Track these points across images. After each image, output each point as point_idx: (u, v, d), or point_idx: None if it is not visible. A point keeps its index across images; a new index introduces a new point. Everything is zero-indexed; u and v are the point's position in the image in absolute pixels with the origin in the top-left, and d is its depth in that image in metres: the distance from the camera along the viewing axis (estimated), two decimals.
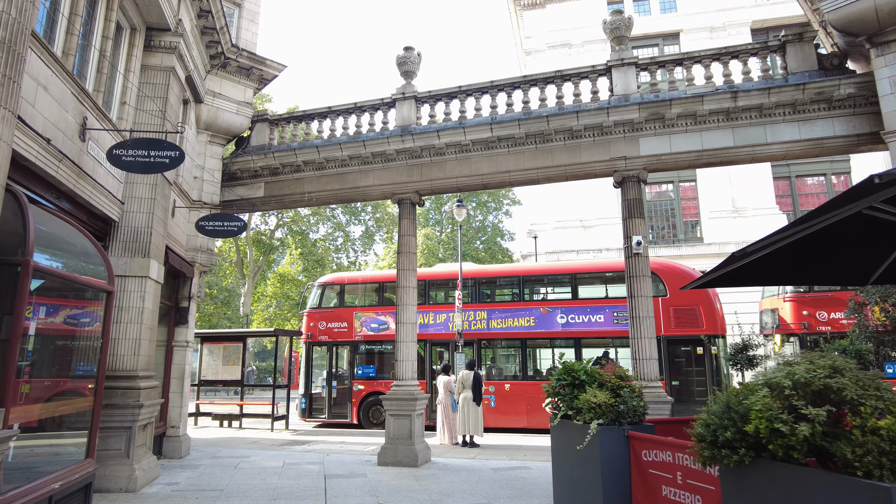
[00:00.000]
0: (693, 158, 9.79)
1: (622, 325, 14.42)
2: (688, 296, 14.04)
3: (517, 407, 14.94)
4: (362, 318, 16.81)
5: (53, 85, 6.12)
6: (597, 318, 14.83)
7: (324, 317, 17.18)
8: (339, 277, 18.46)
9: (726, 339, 14.51)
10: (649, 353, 9.16)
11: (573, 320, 15.01)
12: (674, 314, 14.15)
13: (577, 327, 14.95)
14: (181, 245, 10.72)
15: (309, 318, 17.35)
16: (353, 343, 16.71)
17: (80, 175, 6.79)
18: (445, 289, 16.98)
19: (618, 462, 5.19)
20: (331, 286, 17.95)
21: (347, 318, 16.91)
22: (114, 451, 7.46)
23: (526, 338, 15.45)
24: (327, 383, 16.75)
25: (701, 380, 13.77)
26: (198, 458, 10.40)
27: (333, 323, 16.97)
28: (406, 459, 9.73)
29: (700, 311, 14.13)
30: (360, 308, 17.28)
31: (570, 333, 15.02)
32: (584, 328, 14.90)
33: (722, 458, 3.48)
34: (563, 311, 15.14)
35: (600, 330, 14.80)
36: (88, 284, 6.58)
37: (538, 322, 15.30)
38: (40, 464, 5.93)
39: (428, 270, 19.47)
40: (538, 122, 10.06)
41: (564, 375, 5.93)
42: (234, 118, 11.66)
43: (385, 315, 16.57)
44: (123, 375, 7.76)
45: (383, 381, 16.13)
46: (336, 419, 16.43)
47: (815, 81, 8.99)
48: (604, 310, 14.83)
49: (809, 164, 29.48)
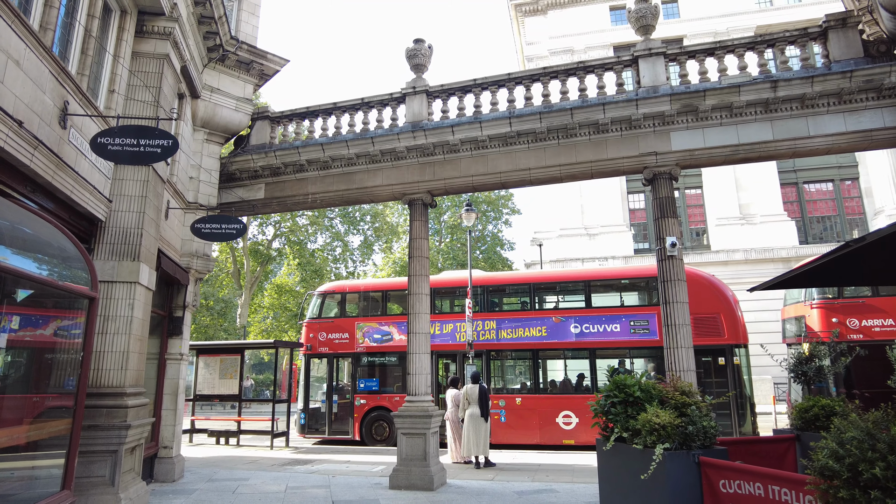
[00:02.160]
0: (728, 153, 9.08)
1: (639, 336, 13.70)
2: (708, 304, 13.40)
3: (529, 422, 14.12)
4: (364, 328, 16.02)
5: (28, 61, 5.36)
6: (612, 328, 14.06)
7: (324, 327, 16.35)
8: (340, 286, 17.62)
9: (748, 348, 13.76)
10: (686, 365, 8.39)
11: (587, 330, 14.23)
12: (693, 323, 13.35)
13: (592, 337, 14.16)
14: (175, 250, 9.92)
15: (308, 328, 16.52)
16: (354, 355, 15.85)
17: (59, 166, 6.01)
18: (452, 297, 16.20)
19: (688, 493, 4.40)
20: (331, 295, 17.11)
21: (349, 329, 16.10)
22: (97, 479, 6.60)
23: (538, 349, 14.61)
24: (328, 397, 15.84)
25: (722, 391, 13.00)
26: (192, 482, 9.53)
27: (334, 334, 16.15)
28: (420, 482, 8.89)
29: (721, 320, 13.43)
30: (363, 318, 16.41)
31: (585, 344, 14.24)
32: (600, 338, 14.10)
33: (870, 501, 2.70)
34: (577, 321, 14.35)
35: (616, 340, 14.04)
36: (68, 290, 5.77)
37: (550, 332, 14.51)
38: (9, 495, 5.10)
39: (434, 278, 18.58)
40: (561, 115, 9.35)
41: (615, 392, 5.15)
42: (232, 115, 10.92)
43: (389, 325, 15.80)
44: (109, 392, 6.92)
45: (387, 395, 15.34)
46: (337, 435, 15.53)
47: (863, 68, 8.32)
48: (619, 319, 14.07)
49: (817, 170, 28.94)
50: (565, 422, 13.78)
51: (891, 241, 4.19)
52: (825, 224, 28.35)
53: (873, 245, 4.31)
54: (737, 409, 12.86)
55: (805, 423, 5.81)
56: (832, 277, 6.85)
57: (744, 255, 26.83)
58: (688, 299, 13.30)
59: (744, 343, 13.41)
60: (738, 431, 12.60)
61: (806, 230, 28.26)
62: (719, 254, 27.50)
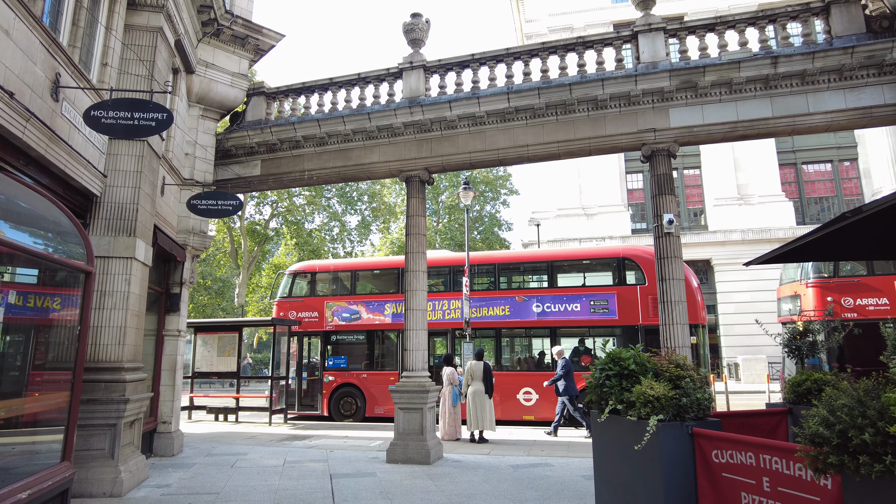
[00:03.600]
0: (727, 130, 9.03)
1: (598, 315, 14.09)
2: None
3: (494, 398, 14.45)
4: (333, 307, 16.32)
5: (17, 30, 5.27)
6: (573, 308, 14.36)
7: (294, 306, 16.65)
8: (310, 265, 17.88)
9: (706, 328, 14.17)
10: (682, 341, 8.44)
11: (549, 309, 14.51)
12: (652, 303, 13.71)
13: (553, 316, 14.46)
14: (171, 226, 9.88)
15: (279, 307, 16.82)
16: (324, 333, 16.16)
17: (52, 139, 5.95)
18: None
19: (681, 464, 4.45)
20: (301, 275, 17.38)
21: (318, 308, 16.38)
22: (96, 452, 6.68)
23: (501, 327, 14.94)
24: (297, 374, 16.22)
25: None
26: (191, 456, 9.63)
27: (304, 312, 16.42)
28: (417, 456, 9.00)
29: None
30: (332, 297, 16.75)
31: (546, 323, 14.51)
32: (561, 317, 14.42)
33: (858, 466, 2.74)
34: (539, 300, 14.60)
35: (576, 319, 14.37)
36: (64, 264, 5.75)
37: (514, 311, 14.80)
38: (8, 468, 5.14)
39: None
40: (560, 90, 9.27)
41: (611, 365, 5.18)
42: (228, 91, 10.80)
43: (357, 304, 16.15)
44: (107, 367, 6.96)
45: (355, 371, 15.77)
46: (306, 411, 15.96)
47: (864, 44, 8.24)
48: (580, 298, 14.40)
49: (816, 151, 28.84)
50: (526, 398, 14.20)
51: (888, 214, 4.19)
52: (823, 205, 28.35)
53: (870, 219, 4.31)
54: None
55: (797, 397, 5.87)
56: (829, 252, 6.86)
57: (741, 236, 26.88)
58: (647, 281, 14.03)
59: (702, 323, 13.74)
60: None
61: (803, 211, 28.27)
62: (717, 234, 27.54)
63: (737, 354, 25.29)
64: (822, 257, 9.34)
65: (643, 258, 14.21)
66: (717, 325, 26.76)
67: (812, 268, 14.05)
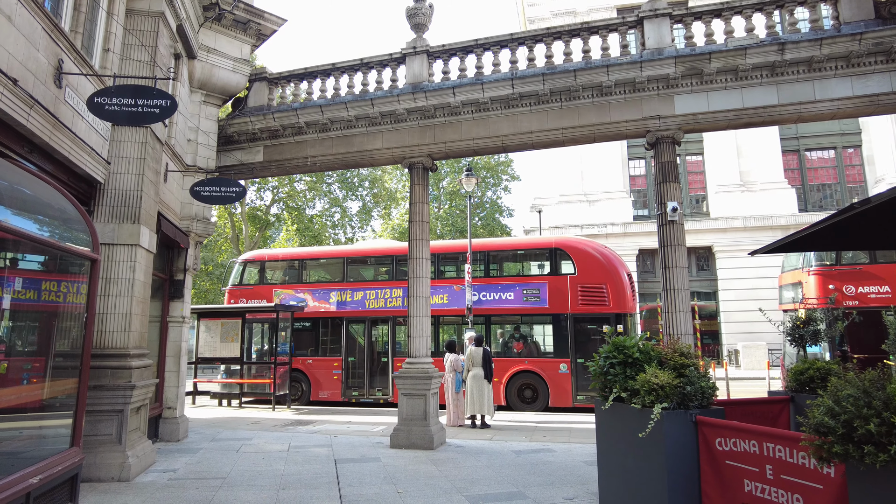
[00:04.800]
0: (732, 118, 8.98)
1: (531, 304, 14.57)
2: (595, 274, 14.19)
3: None
4: (281, 295, 16.64)
5: (20, 16, 5.23)
6: (507, 296, 14.83)
7: (244, 294, 16.89)
8: (259, 254, 18.25)
9: (634, 317, 14.58)
10: (684, 329, 8.46)
11: (485, 298, 15.00)
12: (581, 292, 14.18)
13: (489, 305, 14.96)
14: (175, 213, 9.88)
15: (230, 295, 17.05)
16: (271, 321, 16.27)
17: (56, 126, 5.93)
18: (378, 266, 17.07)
19: (685, 451, 4.50)
20: (252, 263, 17.70)
21: (267, 296, 16.64)
22: (104, 437, 6.75)
23: (440, 315, 15.34)
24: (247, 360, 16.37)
25: None
26: (197, 441, 9.73)
27: (253, 300, 16.65)
28: (421, 442, 9.08)
29: (607, 290, 14.07)
30: (280, 286, 17.10)
31: (481, 311, 14.94)
32: (495, 305, 14.95)
33: (863, 456, 2.77)
34: (476, 289, 14.92)
35: (510, 308, 14.91)
36: (69, 251, 5.77)
37: (451, 299, 15.22)
38: (18, 453, 5.20)
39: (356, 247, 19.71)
40: (564, 76, 9.20)
41: (614, 353, 5.21)
42: (230, 76, 10.73)
43: (304, 293, 16.52)
44: (113, 354, 7.01)
45: (301, 357, 16.18)
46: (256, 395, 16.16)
47: (873, 31, 8.16)
48: (514, 287, 14.98)
49: (820, 137, 28.66)
50: None
51: (894, 204, 4.18)
52: (825, 192, 28.25)
53: (875, 208, 4.31)
54: None
55: (800, 385, 5.91)
56: (833, 241, 6.86)
57: (743, 223, 26.83)
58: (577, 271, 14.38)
59: (629, 312, 14.11)
60: None
61: (806, 198, 28.18)
62: (718, 221, 27.50)
63: (737, 341, 25.39)
64: (826, 247, 9.35)
65: (575, 248, 14.69)
66: (718, 311, 26.84)
67: (814, 256, 14.05)
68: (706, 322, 26.81)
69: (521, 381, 14.50)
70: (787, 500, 3.72)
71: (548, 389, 14.10)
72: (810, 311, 7.94)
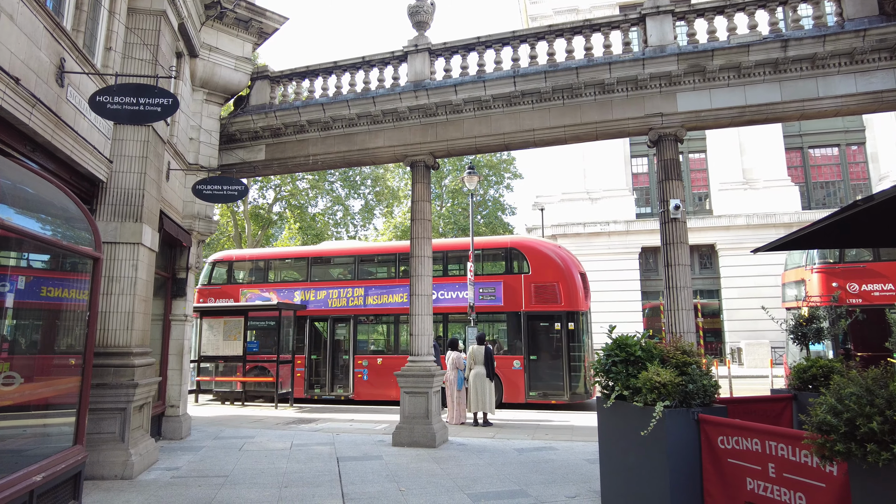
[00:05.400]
0: (735, 115, 8.95)
1: (486, 302, 14.92)
2: (548, 273, 14.42)
3: (388, 380, 15.06)
4: (248, 294, 16.99)
5: (21, 15, 5.24)
6: (463, 295, 15.06)
7: (213, 293, 17.26)
8: (228, 255, 18.64)
9: (588, 315, 14.81)
10: (687, 327, 8.44)
11: (442, 297, 15.27)
12: (534, 290, 14.42)
13: (446, 303, 15.25)
14: (177, 211, 9.90)
15: (199, 294, 17.26)
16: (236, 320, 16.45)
17: (58, 125, 5.94)
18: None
19: (687, 449, 4.50)
20: (221, 263, 18.11)
21: (234, 295, 16.98)
22: (107, 435, 6.77)
23: (398, 313, 15.62)
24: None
25: (559, 355, 14.08)
26: (199, 440, 9.75)
27: (222, 300, 16.96)
28: (423, 440, 9.09)
29: (559, 288, 14.30)
30: (247, 285, 17.43)
31: (439, 309, 15.04)
32: (452, 304, 15.29)
33: (865, 454, 2.76)
34: (434, 288, 15.02)
35: (466, 306, 14.95)
36: (72, 250, 5.78)
37: None
38: (22, 451, 5.22)
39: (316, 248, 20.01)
40: (566, 74, 9.18)
41: (616, 351, 5.20)
42: (232, 74, 10.73)
43: (269, 292, 16.91)
44: (116, 352, 7.03)
45: (265, 355, 16.31)
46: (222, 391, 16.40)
47: (877, 27, 8.11)
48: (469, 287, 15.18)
49: (823, 135, 28.54)
50: None
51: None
52: (829, 189, 28.15)
53: (879, 206, 4.28)
54: (569, 370, 13.79)
55: (802, 383, 5.90)
56: (836, 239, 6.84)
57: (746, 220, 26.75)
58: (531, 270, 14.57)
59: (582, 310, 14.29)
60: (569, 391, 13.72)
61: (809, 195, 28.08)
62: (721, 218, 27.42)
63: (740, 339, 25.34)
64: (829, 245, 9.34)
65: (529, 248, 14.95)
66: (721, 309, 26.78)
67: (817, 253, 14.02)
68: (709, 320, 26.73)
69: None
70: (789, 498, 3.71)
71: (502, 386, 14.29)
72: (813, 309, 7.90)
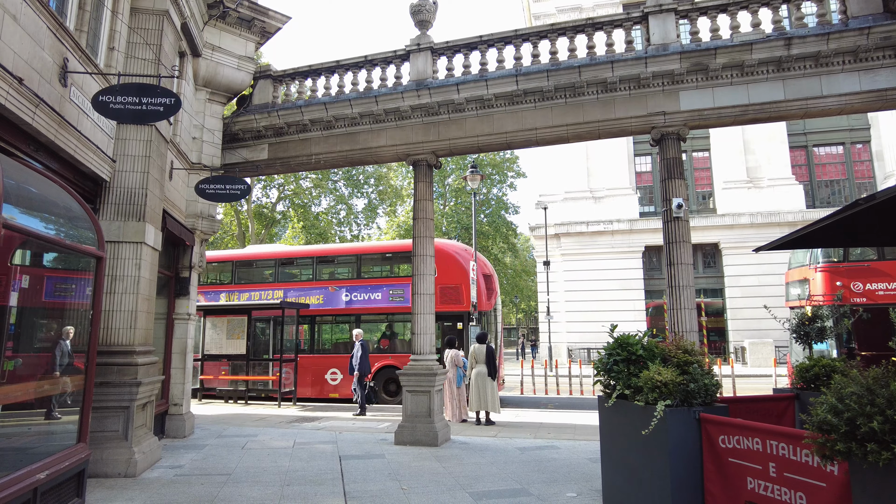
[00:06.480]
0: (738, 114, 8.92)
1: (396, 303, 15.52)
2: (452, 275, 14.93)
3: (305, 378, 15.79)
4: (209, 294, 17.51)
5: (25, 15, 5.26)
6: (375, 297, 15.78)
7: None
8: None
9: (489, 315, 15.50)
10: (689, 326, 8.43)
11: (356, 298, 15.97)
12: (440, 292, 14.66)
13: (359, 304, 15.93)
14: (180, 211, 9.93)
15: None
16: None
17: (61, 125, 5.96)
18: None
19: (688, 449, 4.50)
20: None
21: None
22: (111, 433, 6.80)
23: (316, 314, 16.35)
24: None
25: None
26: (203, 438, 9.79)
27: None
28: (425, 438, 9.10)
29: (462, 290, 14.78)
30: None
31: (353, 310, 15.95)
32: (365, 305, 15.91)
33: (866, 454, 2.76)
34: (348, 290, 16.01)
35: (378, 307, 15.86)
36: (75, 249, 5.81)
37: (327, 300, 16.20)
38: (26, 449, 5.26)
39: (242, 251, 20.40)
40: (569, 73, 9.17)
41: (618, 350, 5.20)
42: (234, 74, 10.75)
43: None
44: (119, 350, 7.06)
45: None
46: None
47: (881, 25, 8.07)
48: (381, 288, 15.89)
49: (828, 133, 28.41)
50: (332, 378, 15.77)
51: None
52: (833, 188, 28.03)
53: (882, 204, 4.27)
54: None
55: (805, 383, 5.87)
56: (839, 238, 6.80)
57: (750, 219, 26.67)
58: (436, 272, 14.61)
59: (484, 310, 14.93)
60: None
61: (813, 194, 27.97)
62: (725, 217, 27.36)
63: (743, 338, 25.29)
64: (832, 243, 9.31)
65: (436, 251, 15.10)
66: (725, 308, 26.73)
67: (821, 252, 13.97)
68: (713, 319, 26.68)
69: (387, 375, 15.24)
70: (790, 497, 3.70)
71: None
72: (816, 308, 7.88)
